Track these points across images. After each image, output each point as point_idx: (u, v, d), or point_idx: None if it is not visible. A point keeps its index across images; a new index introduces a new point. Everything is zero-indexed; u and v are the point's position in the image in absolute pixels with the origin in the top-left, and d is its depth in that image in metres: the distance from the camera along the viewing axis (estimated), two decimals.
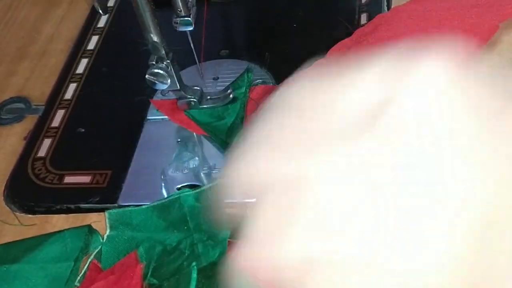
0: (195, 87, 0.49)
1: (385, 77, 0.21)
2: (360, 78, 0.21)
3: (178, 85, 0.47)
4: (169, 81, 0.46)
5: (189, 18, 0.46)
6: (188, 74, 0.52)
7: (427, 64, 0.20)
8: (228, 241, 0.41)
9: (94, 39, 0.61)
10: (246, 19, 0.61)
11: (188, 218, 0.42)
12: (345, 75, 0.21)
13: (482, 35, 0.49)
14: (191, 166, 0.47)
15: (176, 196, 0.44)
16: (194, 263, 0.39)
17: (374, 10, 0.56)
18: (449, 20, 0.51)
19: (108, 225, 0.43)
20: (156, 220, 0.43)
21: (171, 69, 0.46)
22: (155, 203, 0.44)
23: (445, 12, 0.52)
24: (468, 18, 0.51)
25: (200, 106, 0.49)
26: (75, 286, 0.41)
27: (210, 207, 0.40)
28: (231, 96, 0.49)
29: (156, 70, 0.45)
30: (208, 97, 0.50)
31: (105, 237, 0.43)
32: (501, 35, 0.50)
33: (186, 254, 0.40)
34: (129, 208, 0.44)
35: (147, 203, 0.45)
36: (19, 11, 0.68)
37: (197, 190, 0.43)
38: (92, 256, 0.42)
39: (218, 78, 0.53)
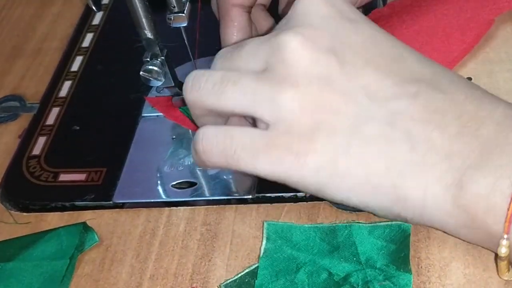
0: None
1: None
2: None
3: (172, 81, 0.47)
4: (163, 77, 0.46)
5: (183, 14, 0.46)
6: (183, 71, 0.52)
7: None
8: None
9: (89, 36, 0.61)
10: None
11: (358, 250, 0.38)
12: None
13: (478, 30, 0.49)
14: (186, 163, 0.47)
15: (345, 224, 0.40)
16: None
17: (370, 5, 0.56)
18: (445, 15, 0.51)
19: (265, 235, 0.41)
20: (319, 243, 0.39)
21: (165, 65, 0.46)
22: (319, 225, 0.41)
23: (441, 7, 0.52)
24: (463, 12, 0.51)
25: None
26: None
27: (389, 245, 0.38)
28: None
29: (150, 67, 0.45)
30: None
31: (262, 249, 0.40)
32: (496, 30, 0.50)
33: None
34: (289, 223, 0.41)
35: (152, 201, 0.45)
36: (14, 10, 0.68)
37: (372, 224, 0.40)
38: None
39: None
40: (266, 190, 0.44)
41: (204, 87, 0.37)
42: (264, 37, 0.37)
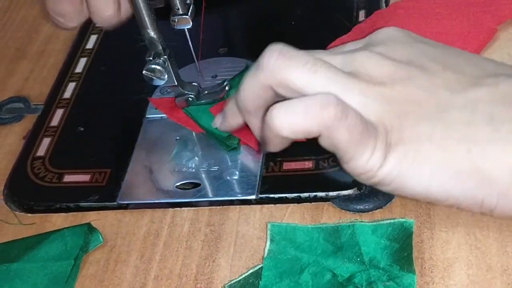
0: (193, 83, 0.49)
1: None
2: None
3: (175, 80, 0.47)
4: (166, 76, 0.46)
5: (187, 16, 0.46)
6: (186, 72, 0.52)
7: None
8: None
9: (93, 38, 0.61)
10: (244, 17, 0.61)
11: (361, 250, 0.39)
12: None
13: (480, 38, 0.49)
14: (190, 164, 0.47)
15: (348, 223, 0.40)
16: None
17: (372, 6, 0.56)
18: (446, 19, 0.51)
19: (269, 237, 0.41)
20: (323, 243, 0.40)
21: (168, 64, 0.46)
22: (323, 225, 0.41)
23: (443, 11, 0.52)
24: (466, 18, 0.51)
25: (198, 102, 0.49)
26: None
27: (392, 244, 0.39)
28: (227, 88, 0.49)
29: (153, 66, 0.45)
30: (206, 92, 0.50)
31: (266, 250, 0.40)
32: (499, 31, 0.50)
33: None
34: (293, 224, 0.41)
35: (149, 201, 0.46)
36: (18, 12, 0.68)
37: (375, 223, 0.40)
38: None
39: (216, 76, 0.53)
40: (269, 190, 0.44)
41: (295, 60, 0.37)
42: (338, 51, 0.40)
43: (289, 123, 0.36)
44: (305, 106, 0.36)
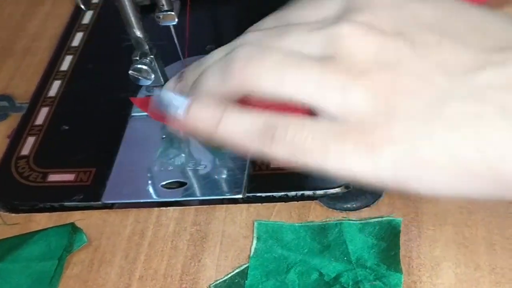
0: None
1: None
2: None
3: (162, 80, 0.47)
4: (153, 76, 0.46)
5: (172, 12, 0.45)
6: (173, 70, 0.51)
7: None
8: None
9: (79, 35, 0.60)
10: (231, 13, 0.61)
11: (348, 249, 0.38)
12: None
13: None
14: (176, 163, 0.47)
15: (335, 222, 0.40)
16: None
17: None
18: None
19: (255, 235, 0.41)
20: (310, 242, 0.39)
21: (154, 64, 0.45)
22: (310, 224, 0.41)
23: None
24: None
25: None
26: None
27: (379, 243, 0.38)
28: None
29: (139, 66, 0.45)
30: None
31: (252, 248, 0.40)
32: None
33: None
34: (280, 223, 0.41)
35: (138, 201, 0.45)
36: (3, 9, 0.67)
37: (362, 221, 0.40)
38: None
39: None
40: (256, 189, 0.44)
41: (262, 65, 0.33)
42: (313, 25, 0.34)
43: (232, 132, 0.33)
44: (249, 125, 0.32)
